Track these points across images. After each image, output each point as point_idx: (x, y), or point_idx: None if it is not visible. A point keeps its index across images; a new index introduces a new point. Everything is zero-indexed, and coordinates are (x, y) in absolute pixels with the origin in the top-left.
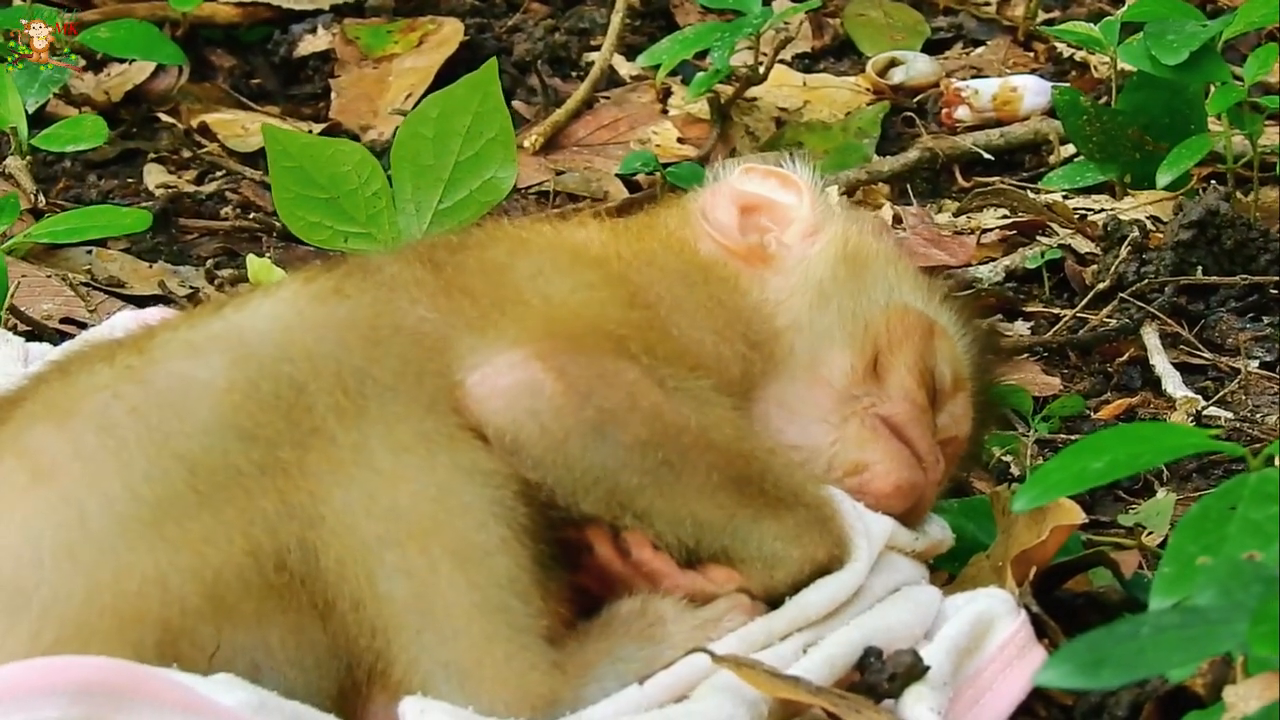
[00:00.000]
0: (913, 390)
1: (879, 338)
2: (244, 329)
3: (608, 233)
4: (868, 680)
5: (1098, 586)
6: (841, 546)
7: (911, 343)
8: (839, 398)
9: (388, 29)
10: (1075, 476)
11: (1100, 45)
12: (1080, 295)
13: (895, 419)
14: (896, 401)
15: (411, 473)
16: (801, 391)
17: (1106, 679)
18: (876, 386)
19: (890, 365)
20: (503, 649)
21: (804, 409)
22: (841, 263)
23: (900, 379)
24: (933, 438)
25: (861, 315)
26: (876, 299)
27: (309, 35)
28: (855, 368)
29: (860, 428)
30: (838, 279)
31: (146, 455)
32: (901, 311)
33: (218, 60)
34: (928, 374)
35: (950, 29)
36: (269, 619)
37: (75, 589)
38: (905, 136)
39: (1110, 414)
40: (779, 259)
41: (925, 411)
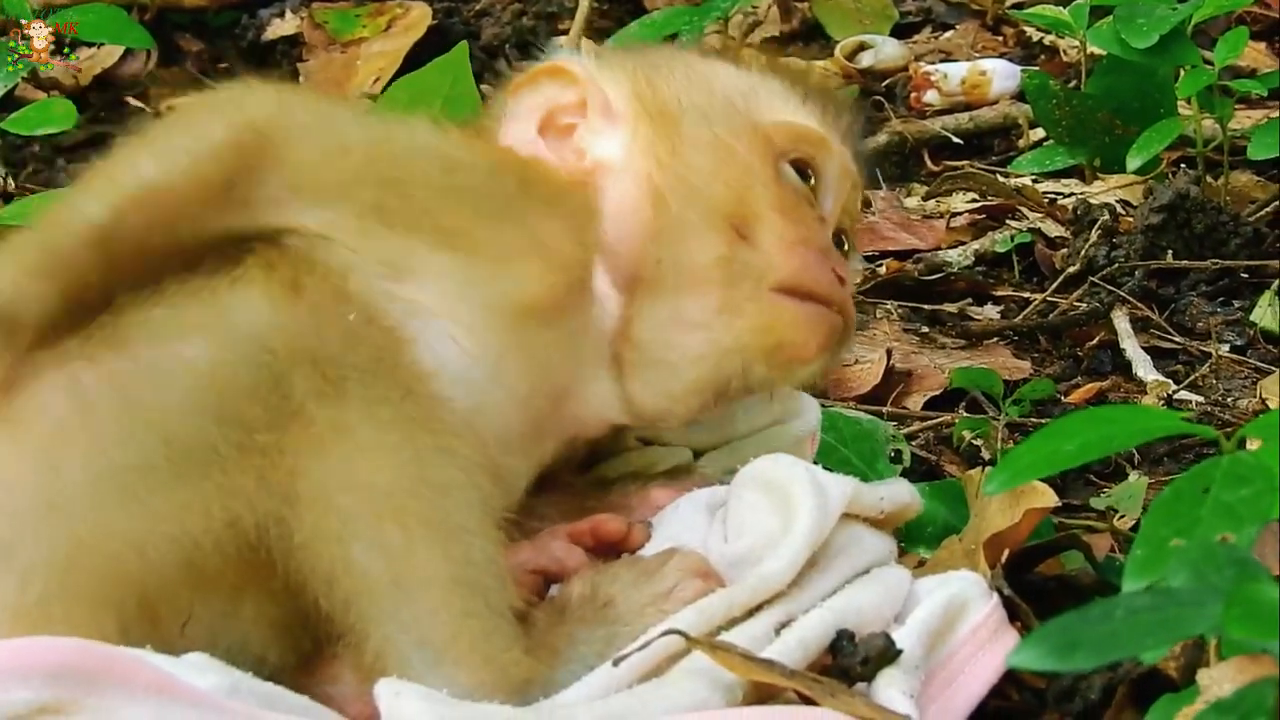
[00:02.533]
0: (785, 231)
1: (724, 206)
2: (225, 315)
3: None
4: (840, 663)
5: (1070, 569)
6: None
7: (755, 178)
8: (722, 289)
9: (355, 13)
10: (1047, 459)
11: (1069, 29)
12: (1050, 279)
13: (788, 281)
14: (778, 259)
15: (391, 450)
16: (684, 298)
17: (1079, 661)
18: (753, 252)
19: (751, 220)
20: (479, 627)
21: (694, 315)
22: (657, 140)
23: (768, 228)
24: (827, 259)
25: (699, 195)
26: (703, 163)
27: (277, 19)
28: (720, 253)
29: (758, 311)
30: (662, 164)
31: (119, 423)
32: (730, 155)
33: (186, 45)
34: (788, 187)
35: (918, 13)
36: (244, 593)
37: (58, 544)
38: (874, 120)
39: (1081, 398)
40: (601, 164)
41: (810, 237)
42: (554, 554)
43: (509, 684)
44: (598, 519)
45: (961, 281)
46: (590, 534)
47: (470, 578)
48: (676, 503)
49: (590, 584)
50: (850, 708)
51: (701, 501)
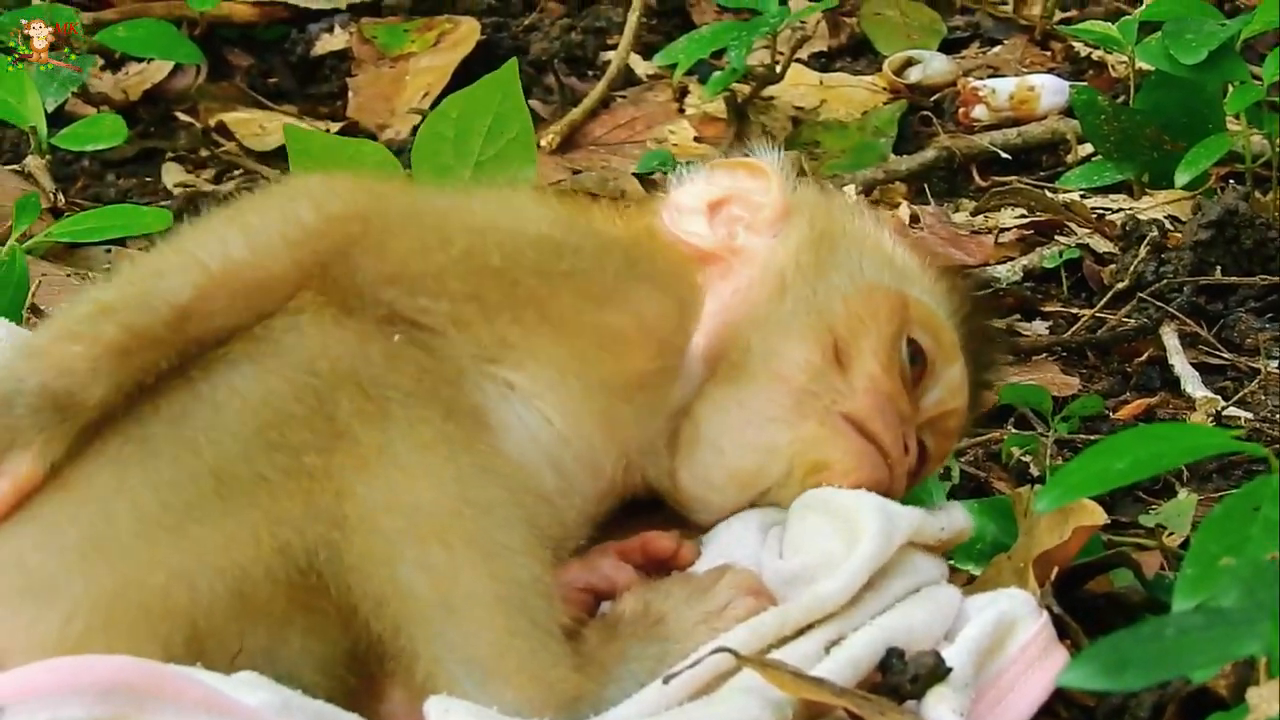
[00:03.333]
0: (878, 377)
1: (837, 325)
2: (275, 340)
3: (552, 199)
4: (890, 681)
5: (1119, 587)
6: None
7: (876, 324)
8: (798, 394)
9: (404, 28)
10: (1097, 477)
11: (1118, 44)
12: (1099, 295)
13: (858, 414)
14: (860, 394)
15: (434, 470)
16: (759, 390)
17: (1130, 680)
18: (840, 378)
19: (854, 353)
20: (526, 645)
21: (761, 408)
22: (806, 249)
23: (864, 367)
24: (901, 426)
25: (819, 304)
26: (838, 284)
27: (326, 34)
28: (812, 362)
29: (819, 427)
30: (800, 266)
31: (174, 459)
32: (865, 293)
33: (235, 59)
34: (898, 355)
35: (967, 28)
36: (294, 620)
37: (103, 582)
38: (922, 136)
39: (1129, 414)
40: (746, 250)
41: (894, 398)
42: (604, 571)
43: (557, 701)
44: (647, 536)
45: (1010, 297)
46: (640, 551)
47: (516, 596)
48: (728, 520)
49: (642, 601)
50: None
51: (754, 520)
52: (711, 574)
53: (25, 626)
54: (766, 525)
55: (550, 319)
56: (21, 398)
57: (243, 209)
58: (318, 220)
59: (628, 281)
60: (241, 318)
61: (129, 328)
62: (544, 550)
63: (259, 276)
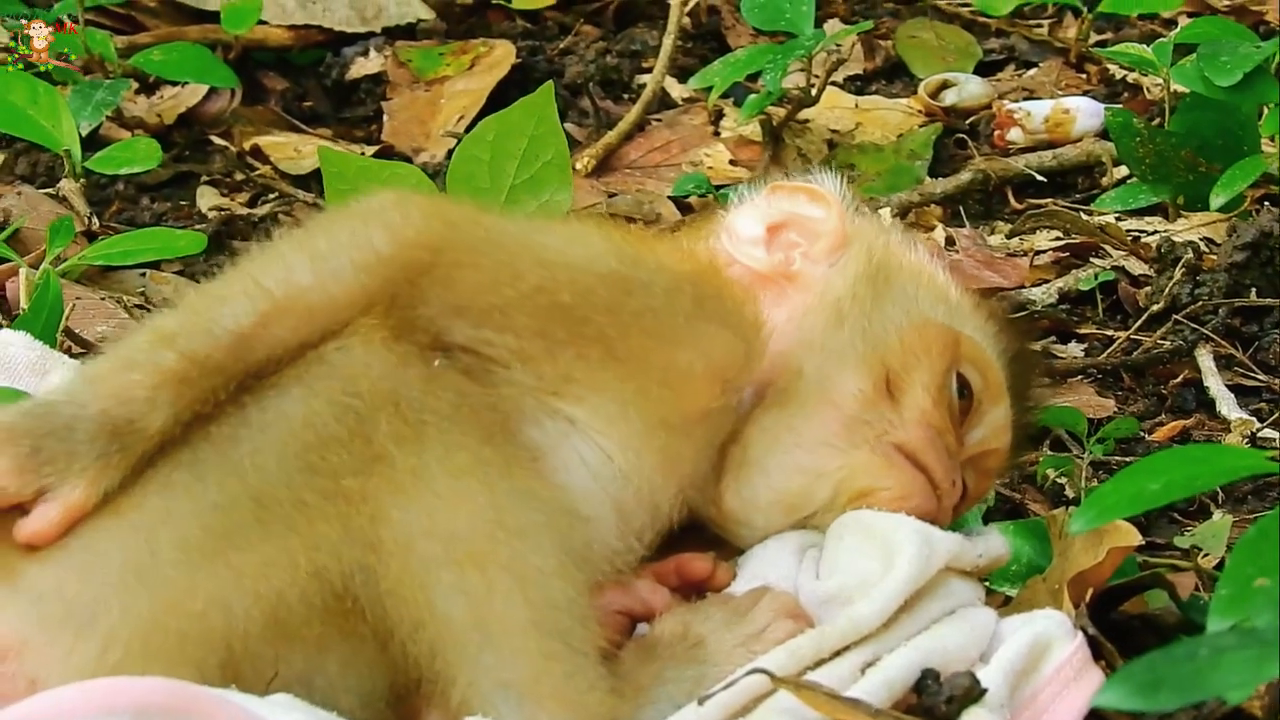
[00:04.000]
0: (928, 411)
1: (891, 356)
2: (323, 364)
3: (622, 233)
4: (925, 703)
5: (1154, 608)
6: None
7: (929, 359)
8: (849, 422)
9: (439, 51)
10: (1132, 498)
11: (1153, 67)
12: (1134, 317)
13: (909, 445)
14: (911, 426)
15: (469, 496)
16: (810, 414)
17: (1164, 701)
18: (891, 409)
19: (905, 385)
20: (561, 668)
21: (812, 432)
22: (862, 280)
23: (916, 400)
24: (951, 460)
25: (874, 334)
26: (893, 316)
27: (361, 58)
28: (865, 390)
29: (870, 455)
30: (856, 296)
31: (221, 486)
32: (920, 327)
33: (270, 83)
34: (948, 391)
35: (1002, 51)
36: (329, 644)
37: (141, 610)
38: (957, 158)
39: (1164, 436)
40: (802, 276)
41: (944, 433)
42: (640, 594)
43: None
44: (683, 558)
45: (1045, 319)
46: (675, 573)
47: (551, 620)
48: (764, 542)
49: (681, 623)
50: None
51: (791, 542)
52: (750, 596)
53: (62, 656)
54: (803, 547)
55: (617, 356)
56: (81, 424)
57: (312, 232)
58: (390, 246)
59: (696, 321)
60: (305, 343)
61: (189, 355)
62: (580, 573)
63: (324, 301)
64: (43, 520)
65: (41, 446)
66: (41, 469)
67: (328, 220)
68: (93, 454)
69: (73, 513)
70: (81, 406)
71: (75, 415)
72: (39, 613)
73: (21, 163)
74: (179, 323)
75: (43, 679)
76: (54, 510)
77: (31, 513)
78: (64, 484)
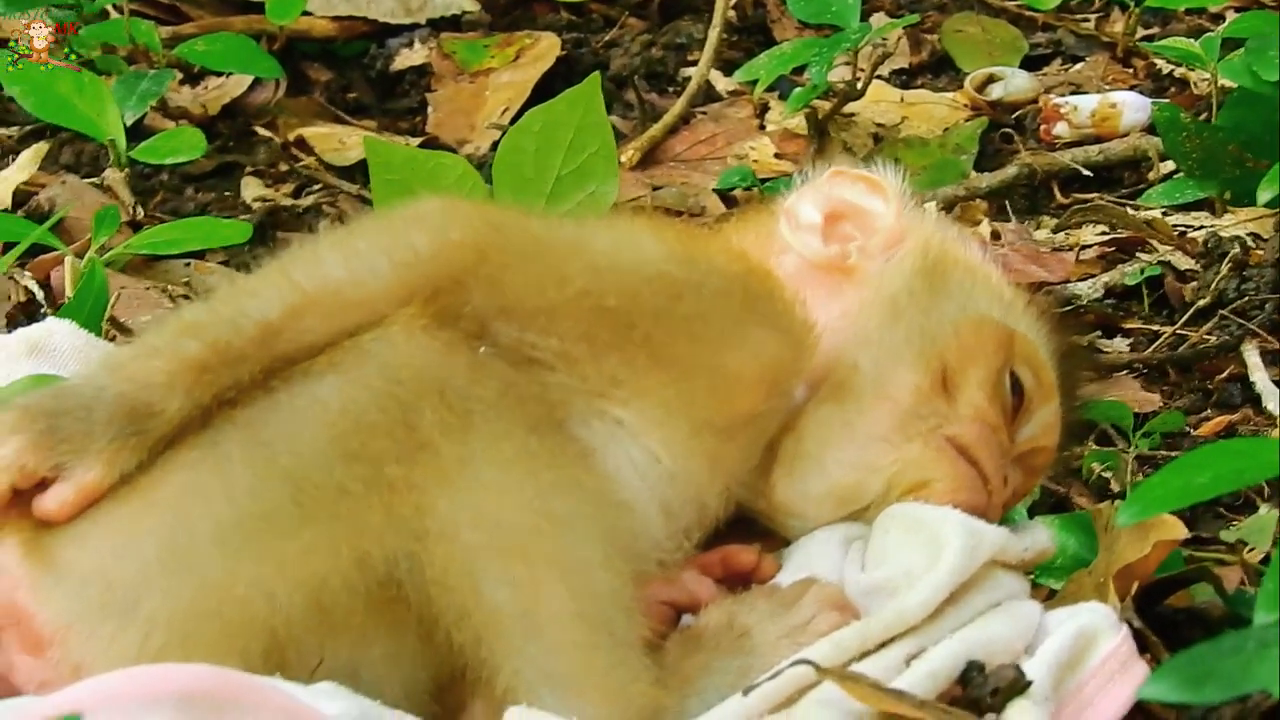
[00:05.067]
0: (983, 408)
1: (948, 353)
2: (360, 351)
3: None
4: (970, 694)
5: (1199, 602)
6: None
7: (985, 356)
8: (904, 416)
9: (484, 43)
10: (1179, 492)
11: (1200, 61)
12: (1180, 312)
13: (962, 439)
14: (965, 421)
15: (515, 486)
16: (866, 409)
17: (1210, 694)
18: (946, 404)
19: (961, 381)
20: (606, 660)
21: (867, 426)
22: (919, 275)
23: (970, 396)
24: (1003, 458)
25: (931, 330)
26: (949, 312)
27: (405, 49)
28: (921, 386)
29: (924, 448)
30: (913, 292)
31: (253, 470)
32: (976, 324)
33: (314, 74)
34: (1002, 388)
35: (1049, 45)
36: (374, 632)
37: (182, 594)
38: (1003, 152)
39: (1210, 431)
40: (858, 270)
41: (997, 430)
42: (685, 585)
43: (637, 714)
44: (728, 550)
45: (1091, 314)
46: (720, 564)
47: (596, 611)
48: (811, 534)
49: (727, 613)
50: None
51: (836, 533)
52: (796, 588)
53: (105, 641)
54: (849, 539)
55: (663, 361)
56: (100, 405)
57: (353, 231)
58: (432, 245)
59: (746, 325)
60: (339, 333)
61: (212, 345)
62: (625, 564)
63: (358, 295)
64: (57, 499)
65: (59, 425)
66: (58, 447)
67: (370, 222)
68: (109, 435)
69: (87, 492)
70: (100, 389)
71: (94, 397)
72: (82, 599)
73: (66, 152)
74: (206, 313)
75: (86, 665)
76: (69, 489)
77: (48, 491)
78: (80, 463)
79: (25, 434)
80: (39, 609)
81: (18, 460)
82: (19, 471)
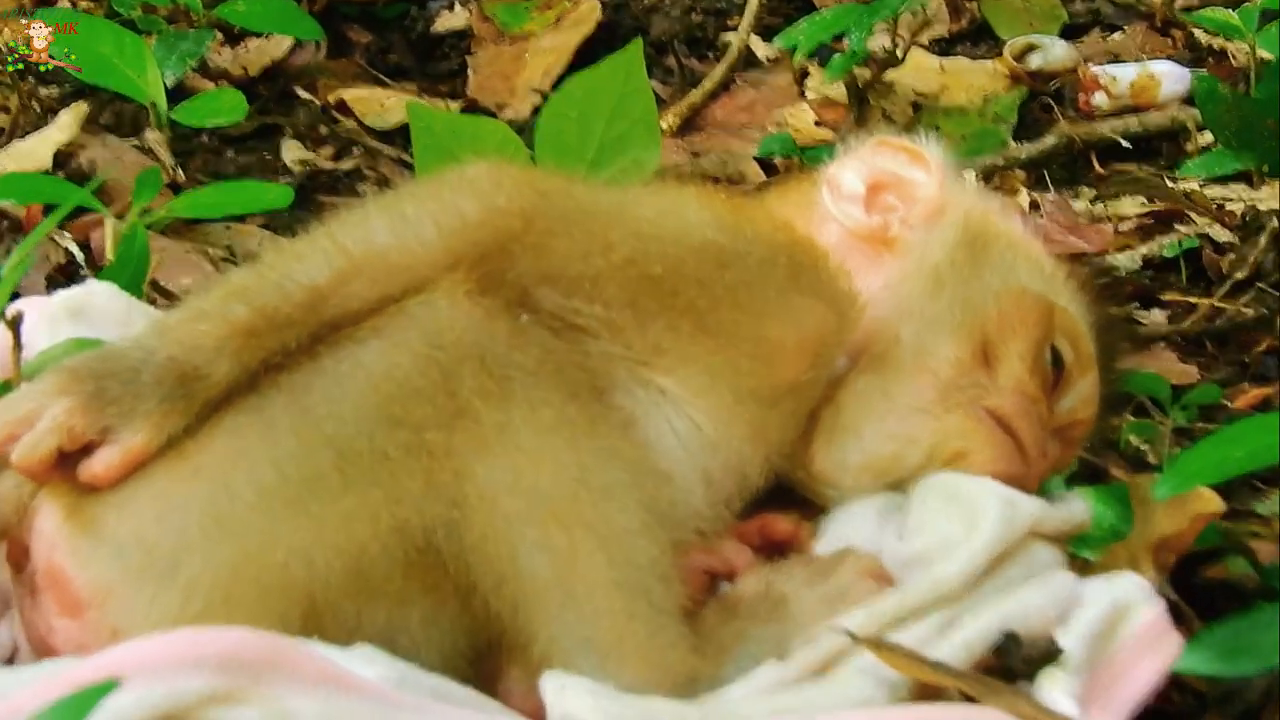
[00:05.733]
0: (1023, 380)
1: (989, 325)
2: (403, 316)
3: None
4: (1004, 663)
5: (1234, 574)
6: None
7: (1025, 328)
8: (944, 388)
9: (525, 7)
10: (1216, 465)
11: (1239, 32)
12: (1218, 284)
13: (1001, 410)
14: (1005, 392)
15: (553, 453)
16: (906, 380)
17: (1245, 666)
18: (986, 375)
19: (1001, 353)
20: (643, 627)
21: (907, 398)
22: (960, 246)
23: (1011, 368)
24: (1042, 430)
25: (973, 303)
26: (991, 284)
27: (446, 12)
28: (961, 358)
29: (964, 419)
30: (955, 264)
31: (296, 435)
32: (1017, 296)
33: (354, 36)
34: (1042, 360)
35: (1087, 14)
36: (412, 597)
37: (222, 558)
38: (1042, 122)
39: (1247, 403)
40: (899, 241)
41: (1037, 402)
42: (723, 553)
43: (673, 681)
44: (766, 518)
45: (1129, 285)
46: (758, 533)
47: (633, 579)
48: (848, 504)
49: (764, 581)
50: (1013, 707)
51: (874, 503)
52: (834, 557)
53: (146, 605)
54: (886, 509)
55: (708, 329)
56: (148, 368)
57: (400, 196)
58: (480, 212)
59: (790, 294)
60: (385, 298)
61: (260, 310)
62: (664, 532)
63: (405, 260)
64: (104, 463)
65: (106, 388)
66: (106, 409)
67: (417, 186)
68: (157, 397)
69: (134, 455)
70: (149, 352)
71: (142, 360)
72: (122, 562)
73: (107, 113)
74: (254, 278)
75: (124, 628)
76: (115, 452)
77: (94, 454)
78: (127, 426)
79: (74, 396)
80: (78, 572)
81: (67, 421)
82: (67, 433)
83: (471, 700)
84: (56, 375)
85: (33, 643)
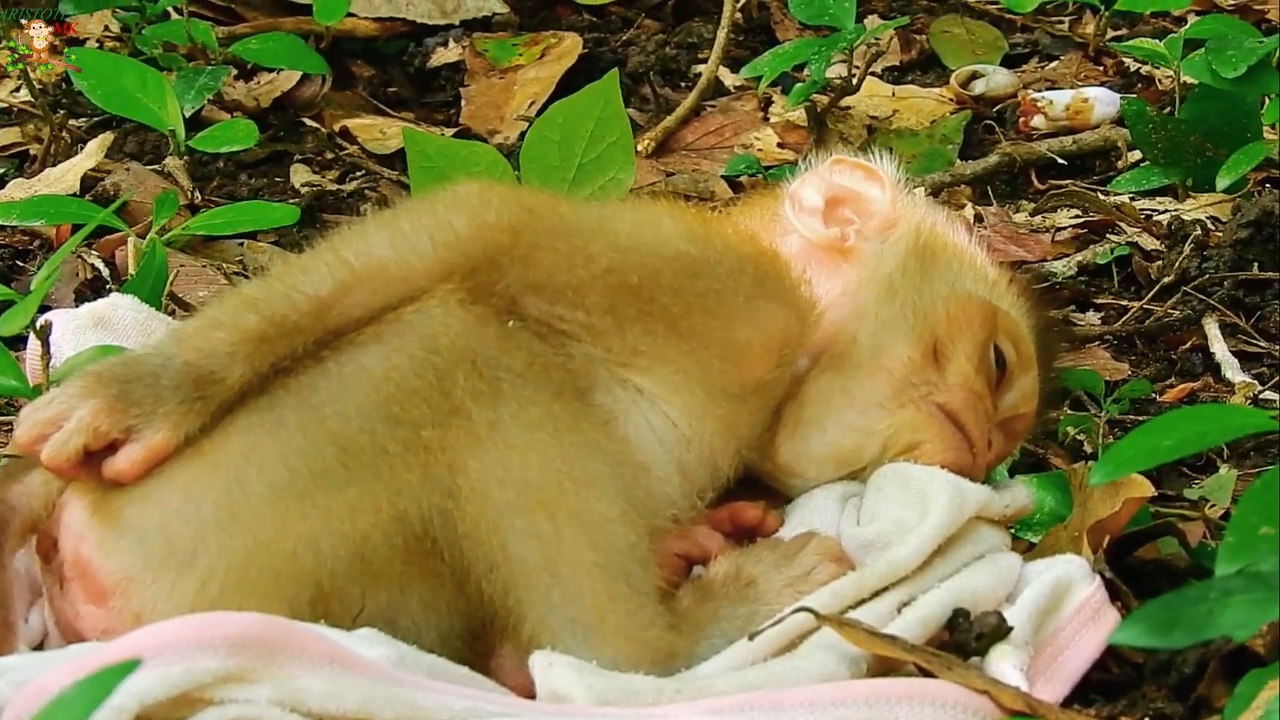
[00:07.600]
0: (970, 378)
1: (939, 327)
2: (404, 323)
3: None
4: (956, 639)
5: (1166, 554)
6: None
7: (971, 331)
8: (898, 385)
9: (513, 42)
10: (1147, 453)
11: (1165, 60)
12: (1147, 288)
13: (950, 405)
14: (954, 389)
15: (540, 448)
16: (863, 378)
17: (1177, 639)
18: (936, 374)
19: (950, 353)
20: (624, 607)
21: (865, 394)
22: (912, 256)
23: (959, 367)
24: (987, 424)
25: (924, 307)
26: (940, 290)
27: (441, 48)
28: (913, 357)
29: (916, 413)
30: (906, 271)
31: (304, 433)
32: (964, 301)
33: (358, 70)
34: (987, 360)
35: (1027, 45)
36: (411, 582)
37: (236, 547)
38: (986, 143)
39: (1174, 397)
40: (856, 251)
41: (982, 399)
42: (696, 539)
43: (652, 657)
44: (735, 506)
45: (1066, 290)
46: (728, 520)
47: (615, 562)
48: (811, 492)
49: (734, 564)
50: (966, 680)
51: (834, 491)
52: (798, 540)
53: (165, 592)
54: (845, 496)
55: (680, 332)
56: (167, 373)
57: (398, 213)
58: (470, 227)
59: (756, 300)
60: (384, 307)
61: (270, 318)
62: (642, 520)
63: (403, 272)
64: (127, 459)
65: (129, 391)
66: (129, 410)
67: (413, 205)
68: (176, 399)
69: (155, 452)
70: (168, 358)
71: (162, 365)
72: (143, 552)
73: (130, 141)
74: (263, 289)
75: (146, 614)
76: (138, 450)
77: (119, 451)
78: (148, 426)
79: (99, 398)
80: (103, 562)
81: (93, 422)
82: (92, 433)
83: (466, 678)
84: (83, 380)
85: (61, 629)
